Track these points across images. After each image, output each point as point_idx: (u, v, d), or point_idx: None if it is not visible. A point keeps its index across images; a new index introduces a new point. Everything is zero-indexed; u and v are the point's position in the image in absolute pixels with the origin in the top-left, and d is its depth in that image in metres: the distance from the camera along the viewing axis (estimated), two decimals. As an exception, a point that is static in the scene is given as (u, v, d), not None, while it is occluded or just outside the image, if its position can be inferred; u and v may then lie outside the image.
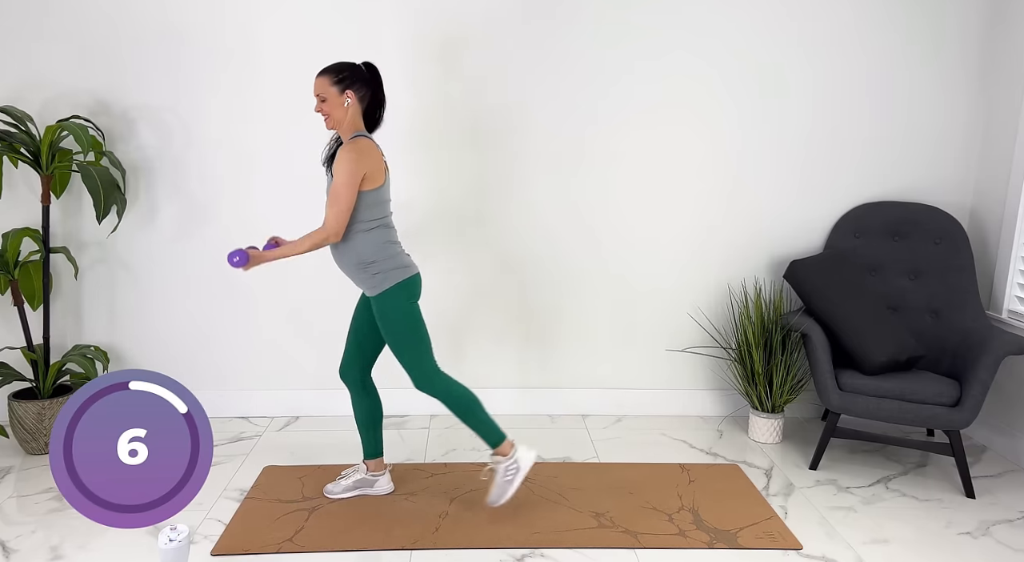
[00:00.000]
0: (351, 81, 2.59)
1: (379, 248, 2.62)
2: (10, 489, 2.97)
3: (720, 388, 3.84)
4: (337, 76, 2.59)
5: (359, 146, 2.54)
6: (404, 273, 2.65)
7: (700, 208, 3.65)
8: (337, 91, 2.58)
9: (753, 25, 3.49)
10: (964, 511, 2.94)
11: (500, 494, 2.73)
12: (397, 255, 2.67)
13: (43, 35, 3.32)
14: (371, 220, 2.60)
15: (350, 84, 2.59)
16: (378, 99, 2.68)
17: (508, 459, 2.73)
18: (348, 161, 2.50)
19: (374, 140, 2.64)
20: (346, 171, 2.50)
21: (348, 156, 2.50)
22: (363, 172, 2.53)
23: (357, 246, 2.61)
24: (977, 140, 3.63)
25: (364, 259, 2.62)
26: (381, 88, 2.68)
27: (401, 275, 2.64)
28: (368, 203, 2.58)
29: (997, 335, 3.06)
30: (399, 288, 2.64)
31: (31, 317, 3.52)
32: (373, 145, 2.59)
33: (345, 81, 2.59)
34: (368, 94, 2.65)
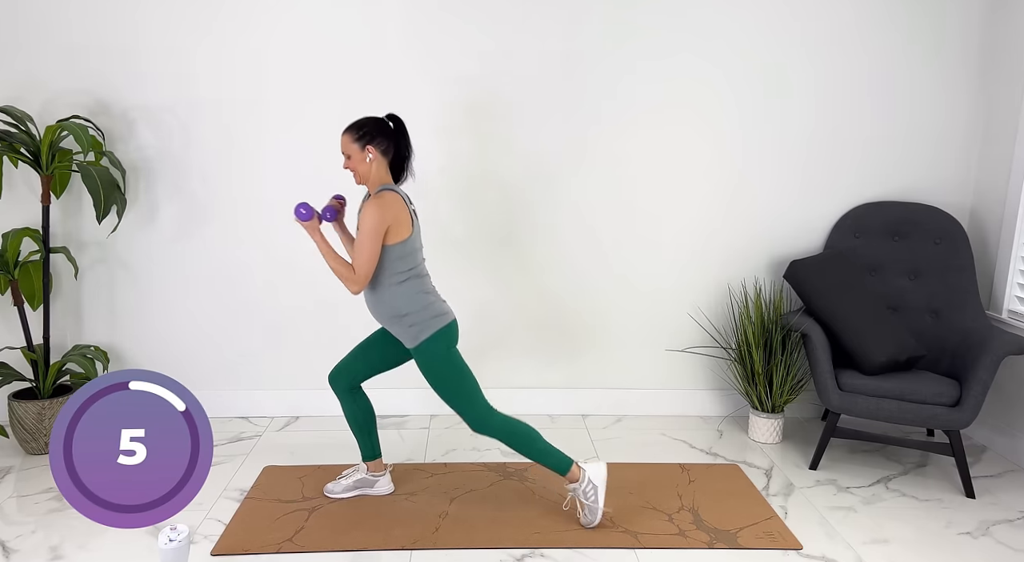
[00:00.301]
0: (372, 136, 2.61)
1: (412, 299, 2.63)
2: (10, 489, 2.97)
3: (720, 388, 3.84)
4: (358, 132, 2.61)
5: (383, 200, 2.55)
6: (440, 322, 2.65)
7: (700, 208, 3.65)
8: (359, 147, 2.61)
9: (755, 25, 3.49)
10: (964, 511, 2.94)
11: (592, 516, 2.71)
12: (432, 304, 2.66)
13: (43, 35, 3.32)
14: (402, 272, 2.62)
15: (371, 139, 2.61)
16: (402, 150, 2.69)
17: (582, 482, 2.71)
18: (370, 216, 2.52)
19: (400, 191, 2.64)
20: (368, 226, 2.52)
21: (371, 211, 2.52)
22: (386, 226, 2.54)
23: (391, 299, 2.63)
24: (977, 140, 3.63)
25: (399, 312, 2.64)
26: (405, 139, 2.69)
27: (438, 324, 2.65)
28: (396, 256, 2.60)
29: (997, 335, 3.06)
30: (437, 337, 2.65)
31: (31, 317, 3.52)
32: (398, 198, 2.59)
33: (366, 137, 2.60)
34: (391, 147, 2.65)
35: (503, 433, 2.67)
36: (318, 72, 3.43)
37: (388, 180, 2.67)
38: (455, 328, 2.71)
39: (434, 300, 2.69)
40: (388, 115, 2.68)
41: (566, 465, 2.69)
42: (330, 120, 3.46)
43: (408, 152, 2.71)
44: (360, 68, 3.43)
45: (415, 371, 3.68)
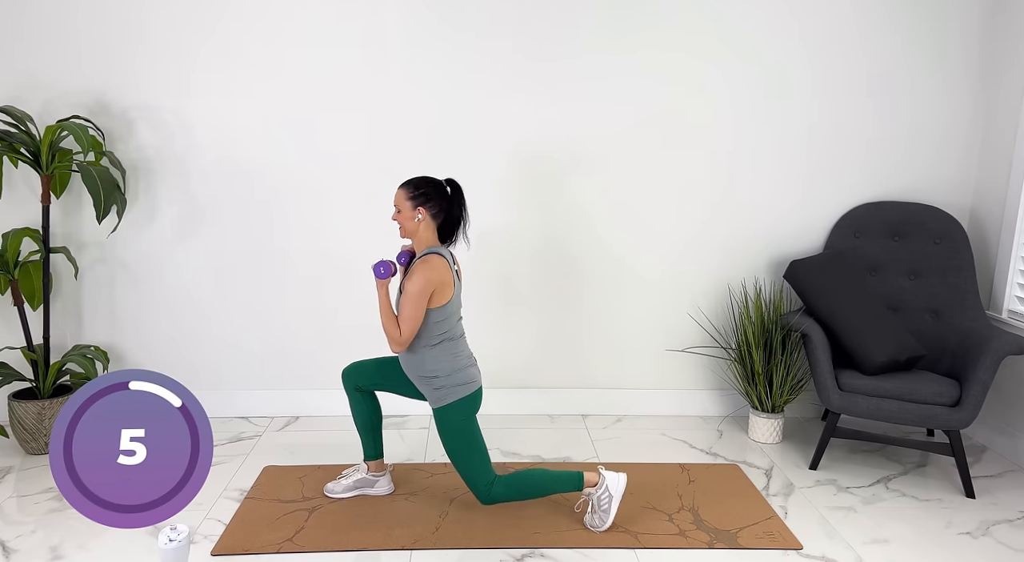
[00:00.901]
0: (426, 198, 2.62)
1: (444, 363, 2.65)
2: (10, 489, 2.97)
3: (720, 388, 3.84)
4: (414, 191, 2.62)
5: (430, 265, 2.56)
6: (466, 390, 2.66)
7: (701, 208, 3.65)
8: (411, 206, 2.62)
9: (755, 25, 3.49)
10: (964, 511, 2.94)
11: (601, 523, 2.71)
12: (461, 370, 2.67)
13: (43, 35, 3.32)
14: (437, 335, 2.64)
15: (424, 201, 2.61)
16: (454, 216, 2.68)
17: (599, 488, 2.72)
18: (418, 280, 2.53)
19: (446, 254, 2.65)
20: (415, 290, 2.53)
21: (419, 275, 2.54)
22: (431, 290, 2.56)
23: (423, 360, 2.65)
24: (977, 140, 3.63)
25: (429, 373, 2.65)
26: (460, 205, 2.68)
27: (463, 392, 2.66)
28: (435, 319, 2.61)
29: (997, 335, 3.06)
30: (459, 404, 2.65)
31: (31, 317, 3.52)
32: (444, 263, 2.60)
33: (420, 198, 2.61)
34: (443, 211, 2.66)
35: (511, 493, 2.69)
36: (319, 72, 3.43)
37: (435, 242, 2.68)
38: (479, 397, 2.72)
39: (464, 366, 2.70)
40: (448, 179, 2.69)
41: (578, 480, 2.71)
42: (331, 120, 3.46)
43: (462, 217, 2.70)
44: (361, 70, 3.43)
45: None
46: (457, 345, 2.70)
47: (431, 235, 2.67)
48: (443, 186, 2.67)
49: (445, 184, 2.68)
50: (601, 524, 2.70)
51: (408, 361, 2.69)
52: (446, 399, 2.65)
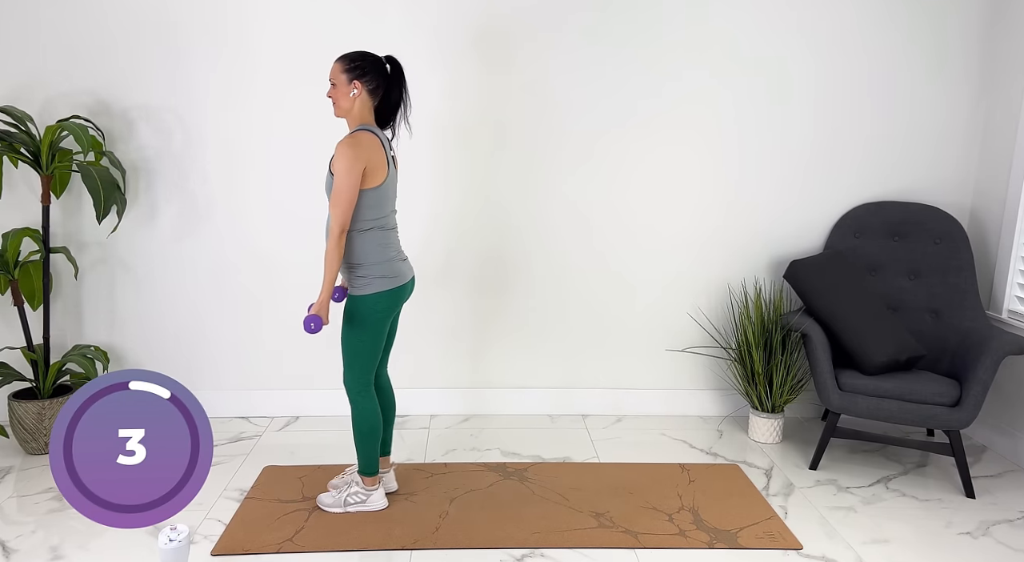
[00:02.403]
0: (363, 72, 2.51)
1: (370, 252, 2.54)
2: (10, 489, 2.97)
3: (720, 388, 3.84)
4: (350, 64, 2.51)
5: (358, 140, 2.44)
6: (388, 284, 2.56)
7: (701, 208, 3.65)
8: (346, 79, 2.50)
9: (756, 26, 3.49)
10: (964, 511, 2.94)
11: (332, 502, 2.76)
12: (388, 262, 2.58)
13: (43, 35, 3.32)
14: (367, 220, 2.52)
15: (361, 74, 2.51)
16: (394, 97, 2.58)
17: (364, 488, 2.76)
18: (344, 156, 2.40)
19: (379, 134, 2.53)
20: (343, 167, 2.40)
21: (345, 151, 2.41)
22: (361, 167, 2.42)
23: (351, 246, 2.54)
24: (977, 140, 3.63)
25: (353, 261, 2.55)
26: (399, 86, 2.58)
27: (384, 285, 2.56)
28: (366, 203, 2.49)
29: (997, 335, 3.06)
30: (377, 298, 2.56)
31: (31, 317, 3.52)
32: (374, 139, 2.49)
33: (356, 70, 2.50)
34: (381, 88, 2.55)
35: (358, 408, 2.67)
36: (319, 72, 3.43)
37: (369, 120, 2.56)
38: (402, 294, 2.62)
39: (392, 257, 2.59)
40: (387, 56, 2.59)
41: (371, 473, 2.74)
42: (331, 119, 3.46)
43: (401, 99, 2.59)
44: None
45: (415, 371, 3.69)
46: (388, 236, 2.58)
47: (367, 113, 2.55)
48: (382, 62, 2.56)
49: (385, 60, 2.57)
50: (330, 504, 2.75)
51: None
52: (365, 289, 2.54)
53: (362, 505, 2.79)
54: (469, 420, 3.71)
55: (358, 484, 2.79)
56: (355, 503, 2.79)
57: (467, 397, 3.75)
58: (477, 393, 3.75)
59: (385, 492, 2.91)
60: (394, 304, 2.62)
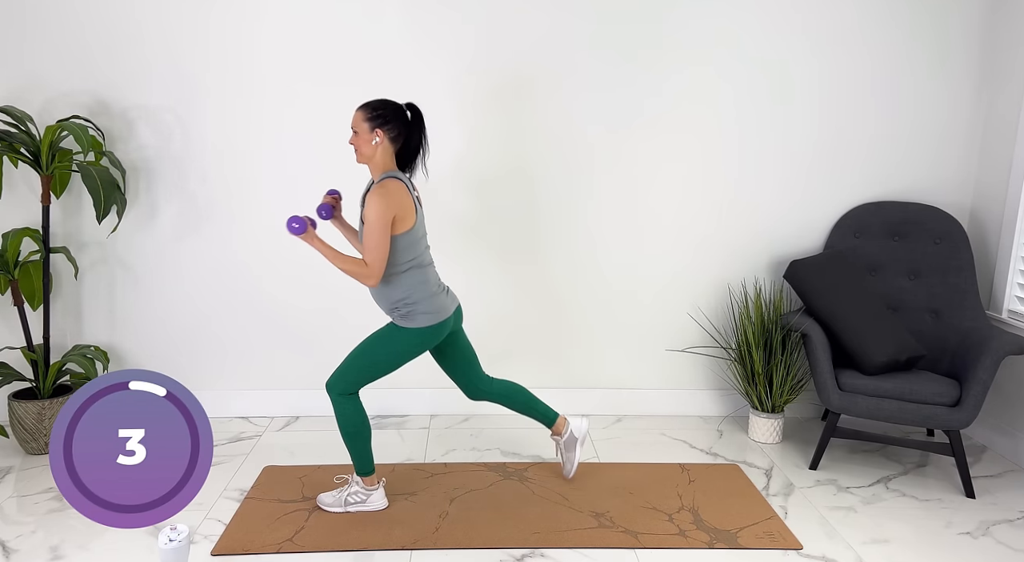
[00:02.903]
0: (384, 120, 2.57)
1: (412, 289, 2.63)
2: (10, 489, 2.97)
3: (720, 388, 3.84)
4: (372, 113, 2.57)
5: (387, 189, 2.52)
6: (431, 319, 2.65)
7: (700, 208, 3.65)
8: (368, 127, 2.57)
9: (758, 26, 3.49)
10: (964, 511, 2.94)
11: (332, 502, 2.79)
12: (430, 297, 2.65)
13: (43, 35, 3.32)
14: (405, 262, 2.60)
15: (383, 123, 2.57)
16: (414, 142, 2.64)
17: (364, 488, 2.78)
18: (376, 206, 2.48)
19: (404, 179, 2.61)
20: (375, 216, 2.48)
21: (376, 200, 2.48)
22: (392, 215, 2.51)
23: (392, 289, 2.63)
24: (977, 140, 3.63)
25: (397, 300, 2.64)
26: (420, 131, 2.64)
27: (428, 320, 2.64)
28: (400, 246, 2.58)
29: (997, 335, 3.06)
30: (420, 333, 2.65)
31: (31, 317, 3.52)
32: (401, 186, 2.56)
33: (378, 119, 2.57)
34: (402, 135, 2.61)
35: (342, 410, 2.68)
36: (319, 72, 3.43)
37: (392, 167, 2.63)
38: (446, 327, 2.69)
39: (434, 293, 2.66)
40: (407, 103, 2.64)
41: (367, 472, 2.77)
42: (331, 120, 3.46)
43: (421, 144, 2.65)
44: (365, 69, 3.43)
45: (416, 371, 3.69)
46: (426, 272, 2.66)
47: (389, 160, 2.61)
48: (403, 109, 2.61)
49: (405, 108, 2.63)
50: (330, 504, 2.79)
51: (380, 294, 2.66)
52: (407, 323, 2.63)
53: (362, 505, 2.79)
54: (469, 420, 3.71)
55: (358, 484, 2.79)
56: (355, 503, 2.79)
57: (466, 397, 3.74)
58: (477, 393, 3.74)
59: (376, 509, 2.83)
60: (436, 338, 2.69)
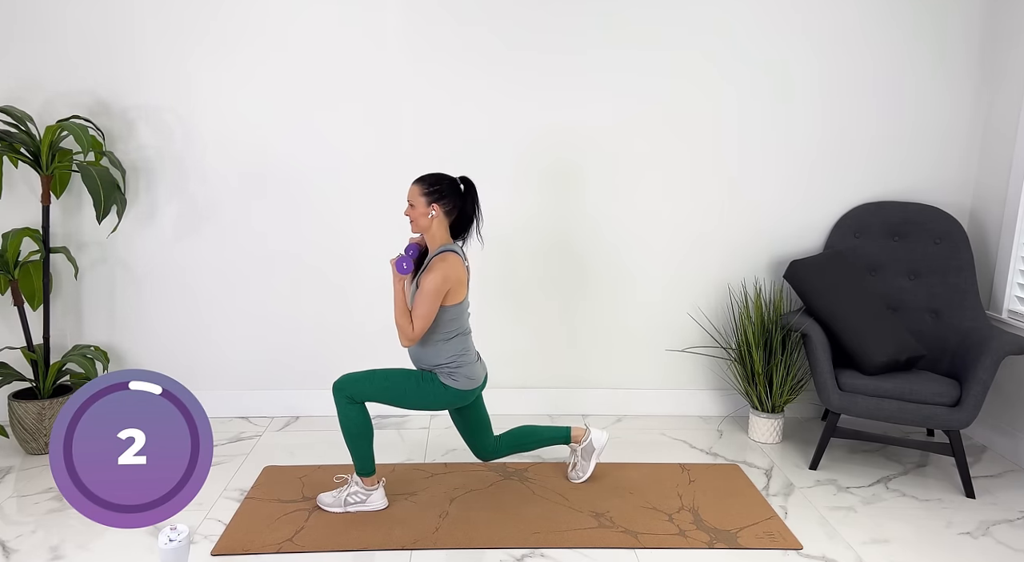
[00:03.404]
0: (440, 195, 2.65)
1: (454, 357, 2.72)
2: (10, 489, 2.97)
3: (720, 388, 3.84)
4: (429, 188, 2.65)
5: (448, 264, 2.61)
6: (468, 384, 2.74)
7: (701, 208, 3.65)
8: (425, 202, 2.65)
9: (758, 25, 3.49)
10: (964, 511, 2.94)
11: (332, 502, 2.80)
12: (469, 365, 2.74)
13: (43, 35, 3.32)
14: (452, 331, 2.71)
15: (439, 198, 2.65)
16: (468, 214, 2.72)
17: (364, 488, 2.79)
18: (435, 278, 2.58)
19: (460, 252, 2.70)
20: (431, 287, 2.58)
21: (436, 274, 2.58)
22: (448, 289, 2.61)
23: (435, 354, 2.71)
24: (977, 140, 3.63)
25: (439, 363, 2.72)
26: (473, 203, 2.72)
27: (465, 385, 2.73)
28: (450, 316, 2.68)
29: (997, 335, 3.06)
30: (454, 393, 2.73)
31: (31, 317, 3.52)
32: (459, 261, 2.65)
33: (435, 194, 2.65)
34: (457, 208, 2.69)
35: (347, 414, 2.70)
36: (320, 70, 3.43)
37: (447, 239, 2.72)
38: (473, 395, 2.78)
39: (472, 362, 2.77)
40: (462, 177, 2.72)
41: (367, 471, 2.77)
42: (332, 119, 3.46)
43: (475, 214, 2.74)
44: (364, 69, 3.43)
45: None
46: (467, 340, 2.77)
47: (444, 232, 2.71)
48: (457, 183, 2.70)
49: (459, 182, 2.71)
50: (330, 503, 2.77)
51: (419, 354, 2.75)
52: (450, 381, 2.72)
53: (362, 505, 2.79)
54: (469, 420, 3.71)
55: (358, 484, 2.79)
56: (355, 503, 2.79)
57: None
58: (477, 393, 3.75)
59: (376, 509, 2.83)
60: (464, 401, 2.78)
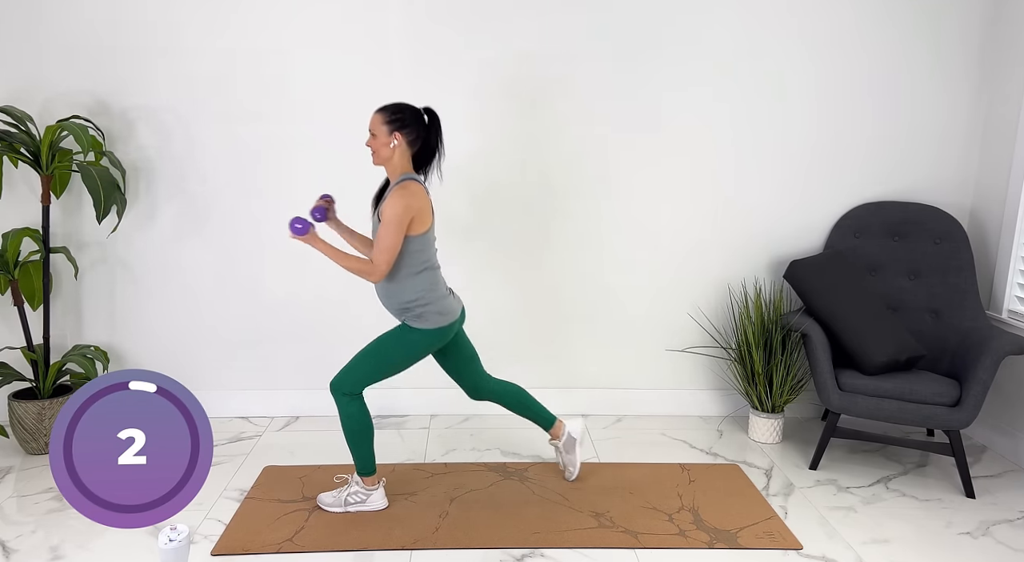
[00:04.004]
0: (402, 124, 2.61)
1: (424, 292, 2.66)
2: (10, 489, 2.97)
3: (720, 388, 3.84)
4: (391, 116, 2.60)
5: (409, 190, 2.56)
6: (442, 320, 2.68)
7: (701, 209, 3.65)
8: (387, 131, 2.60)
9: (756, 25, 3.49)
10: (964, 511, 2.94)
11: (332, 502, 2.80)
12: (441, 299, 2.69)
13: (43, 35, 3.32)
14: (419, 264, 2.64)
15: (401, 126, 2.60)
16: (431, 146, 2.69)
17: (364, 488, 2.79)
18: (397, 205, 2.52)
19: (422, 183, 2.66)
20: (395, 215, 2.52)
21: (397, 200, 2.52)
22: (411, 216, 2.55)
23: (404, 290, 2.65)
24: (977, 140, 3.63)
25: (410, 302, 2.66)
26: (437, 135, 2.68)
27: (439, 321, 2.68)
28: (415, 248, 2.62)
29: (997, 335, 3.06)
30: (432, 334, 2.68)
31: (31, 317, 3.52)
32: (421, 188, 2.61)
33: (397, 122, 2.60)
34: (420, 139, 2.65)
35: (349, 412, 2.69)
36: (319, 71, 3.43)
37: (409, 169, 2.67)
38: (454, 328, 2.73)
39: (443, 295, 2.71)
40: (425, 108, 2.68)
41: (368, 472, 2.77)
42: (331, 119, 3.46)
43: (437, 147, 2.70)
44: (365, 70, 3.43)
45: (416, 371, 3.69)
46: (436, 275, 2.70)
47: (406, 163, 2.65)
48: (420, 113, 2.65)
49: (423, 112, 2.66)
50: (331, 503, 2.79)
51: (390, 294, 2.68)
52: (418, 324, 2.66)
53: (362, 505, 2.79)
54: (469, 420, 3.71)
55: (358, 484, 2.79)
56: (355, 503, 2.79)
57: (467, 397, 3.74)
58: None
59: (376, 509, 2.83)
60: (444, 339, 2.73)
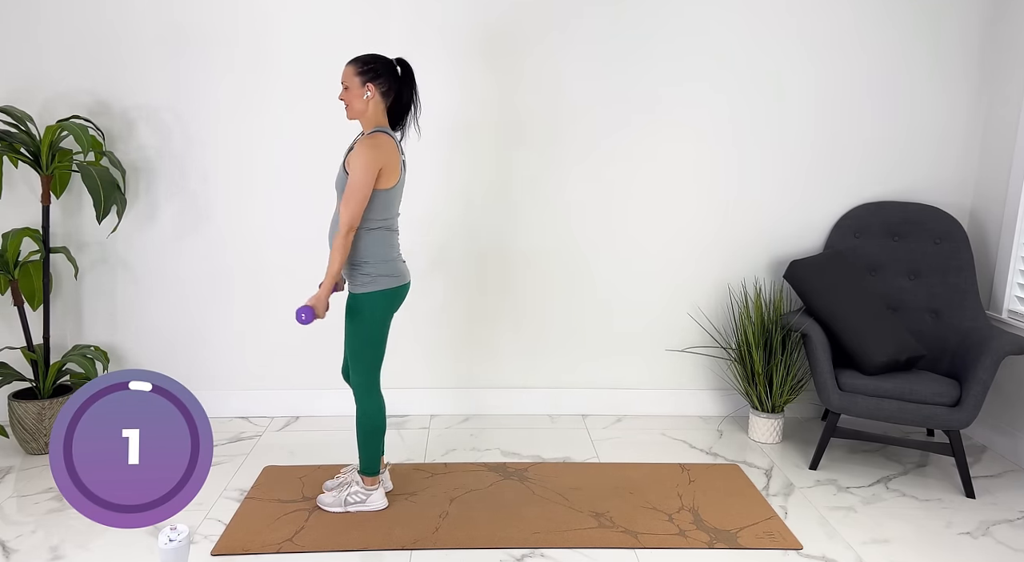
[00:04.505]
0: (375, 74, 2.54)
1: (376, 251, 2.59)
2: (10, 489, 2.97)
3: (720, 388, 3.84)
4: (363, 67, 2.54)
5: (377, 141, 2.49)
6: (392, 282, 2.62)
7: (701, 209, 3.65)
8: (359, 82, 2.54)
9: (756, 26, 3.49)
10: (964, 511, 2.94)
11: (332, 502, 2.79)
12: (392, 261, 2.63)
13: (43, 35, 3.32)
14: (375, 220, 2.56)
15: (374, 77, 2.54)
16: (405, 98, 2.62)
17: (364, 488, 2.78)
18: (363, 156, 2.45)
19: (394, 137, 2.59)
20: (361, 166, 2.45)
21: (364, 151, 2.46)
22: (378, 168, 2.47)
23: (356, 247, 2.58)
24: (977, 140, 3.63)
25: (359, 259, 2.59)
26: (411, 88, 2.62)
27: (388, 283, 2.61)
28: (377, 203, 2.54)
29: (997, 335, 3.06)
30: (381, 296, 2.61)
31: (31, 317, 3.52)
32: (391, 142, 2.53)
33: (369, 73, 2.54)
34: (393, 90, 2.59)
35: (365, 409, 2.69)
36: (319, 71, 3.43)
37: (383, 122, 2.61)
38: (403, 293, 2.67)
39: (396, 257, 2.65)
40: (398, 58, 2.62)
41: (372, 472, 2.76)
42: (331, 119, 3.46)
43: (411, 101, 2.64)
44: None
45: (415, 371, 3.69)
46: (392, 237, 2.63)
47: (380, 115, 2.60)
48: (393, 65, 2.60)
49: (395, 63, 2.61)
50: (332, 504, 2.77)
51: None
52: (369, 287, 2.59)
53: (362, 505, 2.79)
54: (469, 420, 3.71)
55: (358, 484, 2.79)
56: (355, 503, 2.79)
57: (467, 397, 3.75)
58: (477, 393, 3.75)
59: (376, 509, 2.83)
60: (394, 302, 2.66)
